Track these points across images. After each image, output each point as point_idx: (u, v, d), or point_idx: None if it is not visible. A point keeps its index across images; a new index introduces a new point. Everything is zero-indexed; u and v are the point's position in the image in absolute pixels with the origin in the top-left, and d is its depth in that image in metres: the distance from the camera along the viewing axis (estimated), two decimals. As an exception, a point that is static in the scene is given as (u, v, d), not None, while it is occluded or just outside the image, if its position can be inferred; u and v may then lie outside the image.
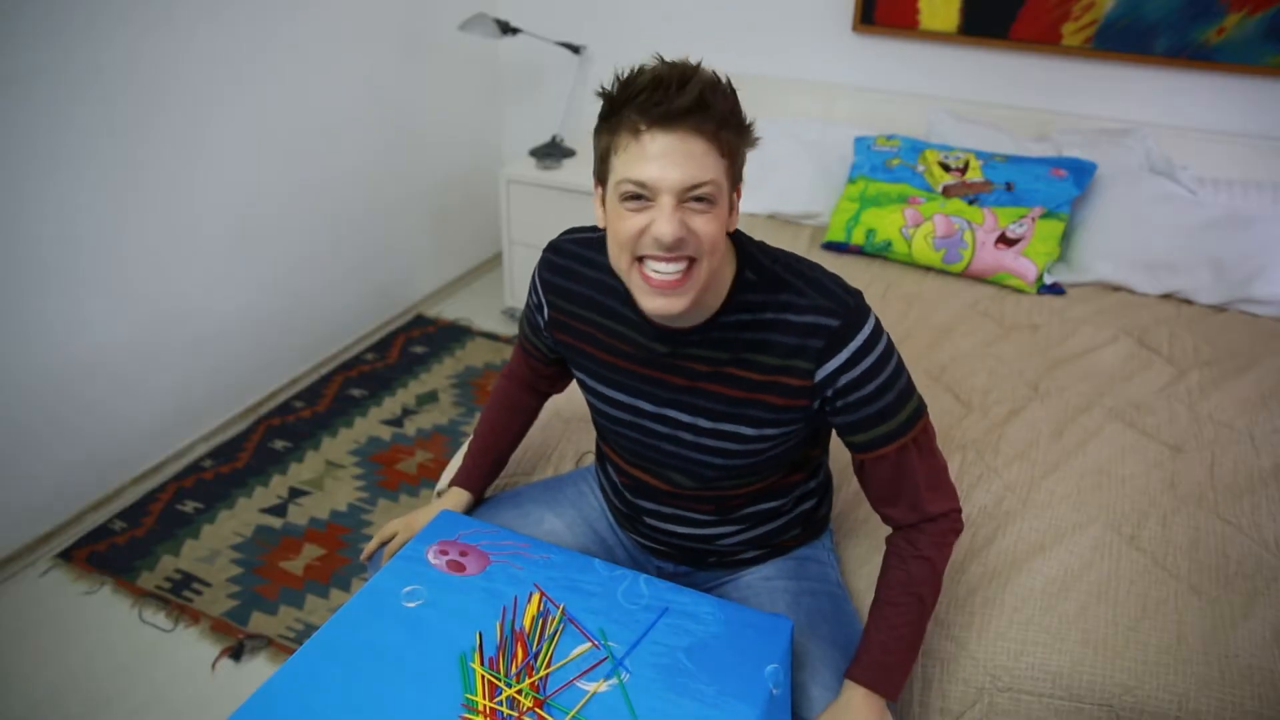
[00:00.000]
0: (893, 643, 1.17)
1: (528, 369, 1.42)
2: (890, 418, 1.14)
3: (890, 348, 1.14)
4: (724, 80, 1.02)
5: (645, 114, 0.97)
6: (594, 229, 1.24)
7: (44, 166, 2.02)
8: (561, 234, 1.27)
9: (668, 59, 1.01)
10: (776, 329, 1.11)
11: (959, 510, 1.22)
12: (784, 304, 1.11)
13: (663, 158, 0.97)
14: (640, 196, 1.00)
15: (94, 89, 2.08)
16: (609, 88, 1.01)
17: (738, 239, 1.16)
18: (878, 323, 1.13)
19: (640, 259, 1.03)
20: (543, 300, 1.26)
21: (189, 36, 2.26)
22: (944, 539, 1.20)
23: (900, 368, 1.15)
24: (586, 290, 1.21)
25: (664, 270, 1.02)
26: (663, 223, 0.98)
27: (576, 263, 1.22)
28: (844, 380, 1.11)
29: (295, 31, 2.55)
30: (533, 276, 1.28)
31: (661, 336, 1.15)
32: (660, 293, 1.03)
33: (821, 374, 1.11)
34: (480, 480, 1.47)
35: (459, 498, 1.44)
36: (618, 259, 1.06)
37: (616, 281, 1.15)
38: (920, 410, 1.17)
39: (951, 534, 1.21)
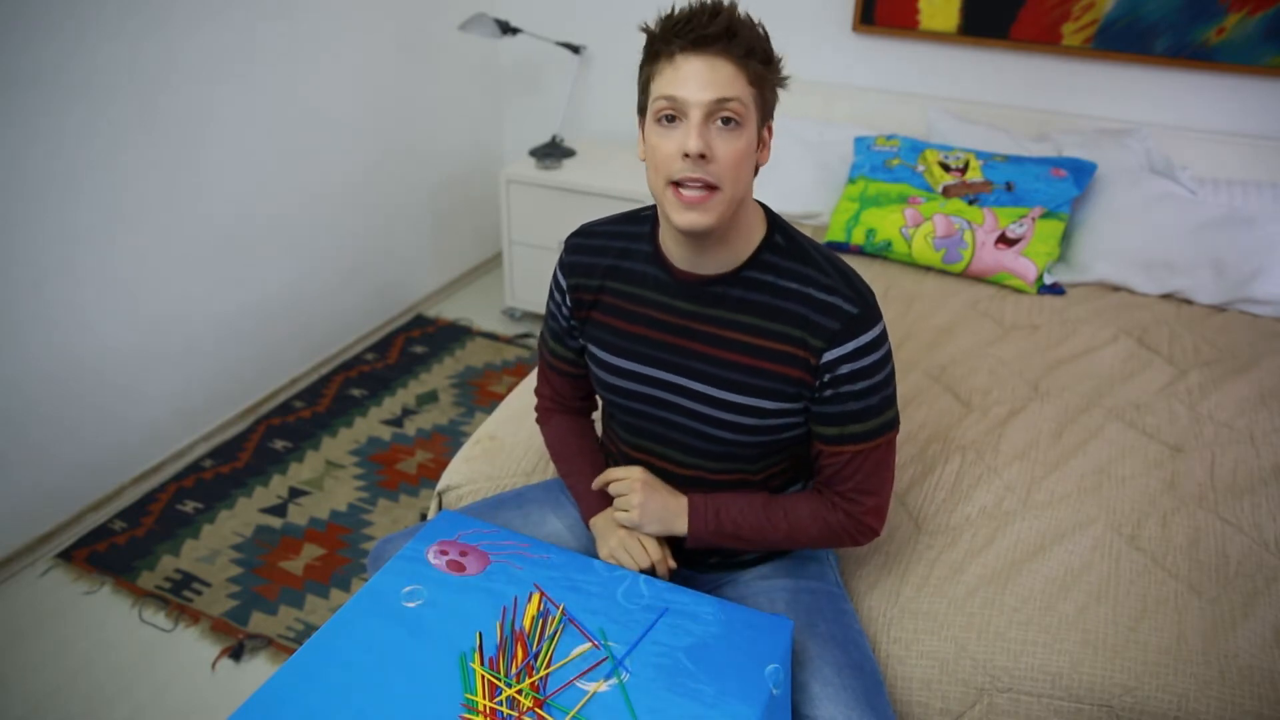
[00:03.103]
0: (745, 511, 1.24)
1: (560, 390, 1.43)
2: (867, 419, 1.18)
3: (890, 355, 1.19)
4: (756, 20, 1.11)
5: (679, 40, 1.07)
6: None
7: (44, 167, 2.02)
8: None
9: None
10: (798, 300, 1.16)
11: (877, 530, 1.26)
12: (808, 278, 1.17)
13: (693, 78, 1.07)
14: (673, 117, 1.09)
15: (94, 90, 2.08)
16: (651, 26, 1.11)
17: (767, 210, 1.23)
18: (885, 328, 1.18)
19: (675, 183, 1.10)
20: (565, 288, 1.31)
21: (188, 37, 2.26)
22: (855, 528, 1.25)
23: (892, 377, 1.20)
24: (611, 261, 1.27)
25: (690, 188, 1.11)
26: (692, 138, 1.07)
27: (601, 238, 1.29)
28: (844, 370, 1.15)
29: (295, 31, 2.55)
30: (550, 284, 1.34)
31: (685, 292, 1.20)
32: (689, 207, 1.10)
33: (828, 356, 1.15)
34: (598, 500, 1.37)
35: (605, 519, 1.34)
36: (655, 182, 1.13)
37: (643, 244, 1.24)
38: (893, 424, 1.21)
39: (860, 535, 1.26)
